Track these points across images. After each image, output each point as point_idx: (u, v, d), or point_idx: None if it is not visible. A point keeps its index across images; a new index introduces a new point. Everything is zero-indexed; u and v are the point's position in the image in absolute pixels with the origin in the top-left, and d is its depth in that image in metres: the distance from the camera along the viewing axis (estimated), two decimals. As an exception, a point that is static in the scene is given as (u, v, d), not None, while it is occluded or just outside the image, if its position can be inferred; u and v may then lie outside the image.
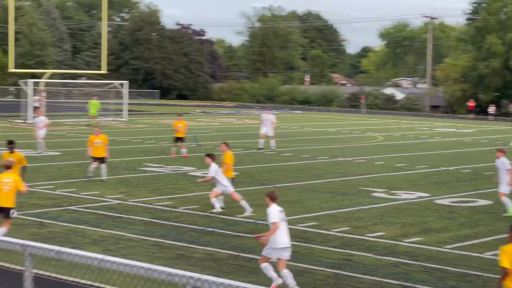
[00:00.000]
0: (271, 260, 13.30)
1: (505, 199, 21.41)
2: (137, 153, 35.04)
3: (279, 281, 13.07)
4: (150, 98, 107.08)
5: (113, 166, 28.85)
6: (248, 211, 20.16)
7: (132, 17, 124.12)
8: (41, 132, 33.89)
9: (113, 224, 18.50)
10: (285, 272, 13.03)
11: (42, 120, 34.43)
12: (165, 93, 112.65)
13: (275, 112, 79.80)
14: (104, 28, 65.82)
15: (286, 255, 13.14)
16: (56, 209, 20.27)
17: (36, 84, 58.66)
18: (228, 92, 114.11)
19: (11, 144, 19.97)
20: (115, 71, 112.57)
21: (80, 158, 31.03)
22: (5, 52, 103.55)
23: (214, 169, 20.52)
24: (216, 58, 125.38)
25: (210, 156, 20.99)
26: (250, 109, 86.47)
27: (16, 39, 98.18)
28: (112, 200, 21.85)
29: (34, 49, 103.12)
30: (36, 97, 56.88)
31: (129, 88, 67.81)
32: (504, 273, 10.40)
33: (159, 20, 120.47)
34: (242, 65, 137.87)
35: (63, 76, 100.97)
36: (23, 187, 16.01)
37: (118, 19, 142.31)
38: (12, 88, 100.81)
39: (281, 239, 13.06)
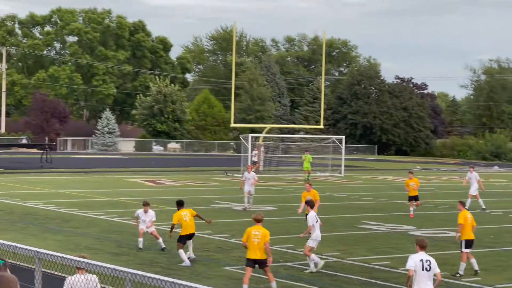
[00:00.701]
0: None
1: None
2: (354, 209, 34.98)
3: None
4: (368, 154, 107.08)
5: (331, 222, 28.94)
6: (311, 268, 19.54)
7: (351, 71, 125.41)
8: (251, 188, 34.07)
9: (330, 282, 18.46)
10: None
11: (252, 176, 34.67)
12: (383, 148, 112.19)
13: (503, 170, 77.13)
14: (323, 82, 66.94)
15: None
16: (273, 264, 20.53)
17: (255, 138, 60.45)
18: (451, 148, 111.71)
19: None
20: (333, 126, 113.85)
21: (296, 214, 31.39)
22: (227, 107, 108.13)
23: (311, 218, 20.14)
24: (438, 112, 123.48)
25: (308, 202, 20.88)
26: (476, 166, 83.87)
27: (237, 95, 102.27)
28: (329, 258, 21.84)
29: (254, 104, 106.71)
30: (255, 152, 58.59)
31: (347, 143, 68.29)
32: None
33: (379, 73, 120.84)
34: (466, 120, 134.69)
35: (281, 130, 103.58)
36: (269, 239, 16.87)
37: (336, 73, 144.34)
38: (232, 143, 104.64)
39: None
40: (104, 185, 45.11)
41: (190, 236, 20.53)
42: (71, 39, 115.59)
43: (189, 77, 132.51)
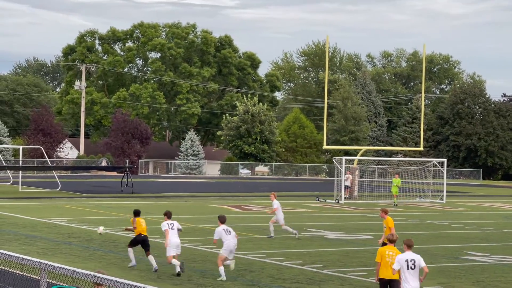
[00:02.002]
0: None
1: None
2: (457, 239, 34.40)
3: None
4: (472, 178, 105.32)
5: (431, 253, 28.56)
6: (222, 276, 21.86)
7: (453, 89, 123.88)
8: (279, 216, 33.21)
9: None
10: None
11: (275, 204, 33.66)
12: (489, 173, 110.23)
13: None
14: (423, 101, 66.26)
15: None
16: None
17: (349, 161, 60.19)
18: None
19: (136, 215, 24.04)
20: (433, 148, 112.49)
21: (396, 244, 31.02)
22: (319, 128, 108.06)
23: (217, 232, 22.66)
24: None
25: (219, 218, 23.09)
26: None
27: (330, 114, 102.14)
28: (430, 292, 21.52)
29: (348, 124, 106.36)
30: (347, 176, 58.31)
31: (449, 167, 67.39)
32: None
33: (484, 91, 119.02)
34: None
35: (378, 153, 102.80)
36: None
37: (437, 91, 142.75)
38: (324, 166, 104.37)
39: (406, 286, 16.09)
40: (188, 211, 45.54)
41: (143, 240, 23.63)
42: (154, 55, 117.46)
43: (278, 95, 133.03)
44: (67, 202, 48.79)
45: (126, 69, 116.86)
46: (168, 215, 23.64)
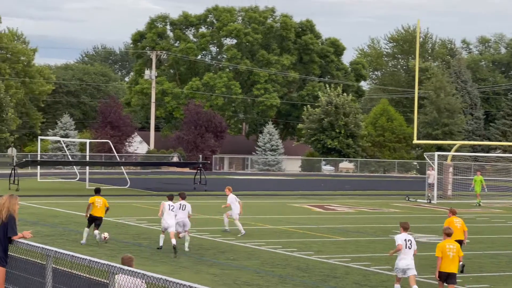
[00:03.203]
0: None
1: None
2: None
3: None
4: None
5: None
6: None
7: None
8: (233, 211, 33.14)
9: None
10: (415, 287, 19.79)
11: (232, 198, 33.50)
12: None
13: None
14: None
15: (410, 273, 19.99)
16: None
17: (442, 157, 59.58)
18: None
19: (97, 193, 29.26)
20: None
21: (493, 248, 30.64)
22: (409, 121, 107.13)
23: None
24: None
25: (180, 194, 29.08)
26: None
27: (421, 106, 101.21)
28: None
29: (441, 116, 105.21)
30: (429, 172, 57.75)
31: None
32: None
33: None
34: None
35: (474, 148, 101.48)
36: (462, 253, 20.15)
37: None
38: (415, 162, 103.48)
39: (402, 262, 20.06)
40: (266, 210, 45.64)
41: (98, 219, 28.75)
42: (229, 41, 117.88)
43: (364, 85, 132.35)
44: (136, 200, 49.37)
45: (199, 56, 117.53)
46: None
